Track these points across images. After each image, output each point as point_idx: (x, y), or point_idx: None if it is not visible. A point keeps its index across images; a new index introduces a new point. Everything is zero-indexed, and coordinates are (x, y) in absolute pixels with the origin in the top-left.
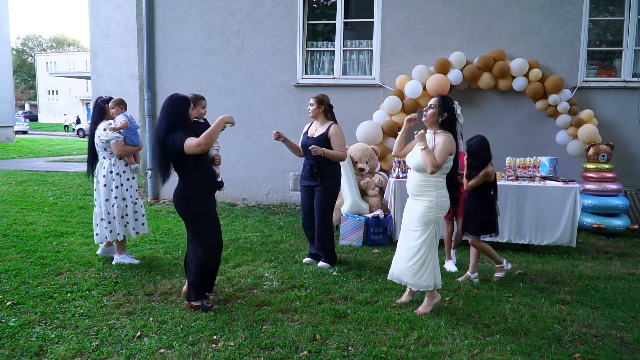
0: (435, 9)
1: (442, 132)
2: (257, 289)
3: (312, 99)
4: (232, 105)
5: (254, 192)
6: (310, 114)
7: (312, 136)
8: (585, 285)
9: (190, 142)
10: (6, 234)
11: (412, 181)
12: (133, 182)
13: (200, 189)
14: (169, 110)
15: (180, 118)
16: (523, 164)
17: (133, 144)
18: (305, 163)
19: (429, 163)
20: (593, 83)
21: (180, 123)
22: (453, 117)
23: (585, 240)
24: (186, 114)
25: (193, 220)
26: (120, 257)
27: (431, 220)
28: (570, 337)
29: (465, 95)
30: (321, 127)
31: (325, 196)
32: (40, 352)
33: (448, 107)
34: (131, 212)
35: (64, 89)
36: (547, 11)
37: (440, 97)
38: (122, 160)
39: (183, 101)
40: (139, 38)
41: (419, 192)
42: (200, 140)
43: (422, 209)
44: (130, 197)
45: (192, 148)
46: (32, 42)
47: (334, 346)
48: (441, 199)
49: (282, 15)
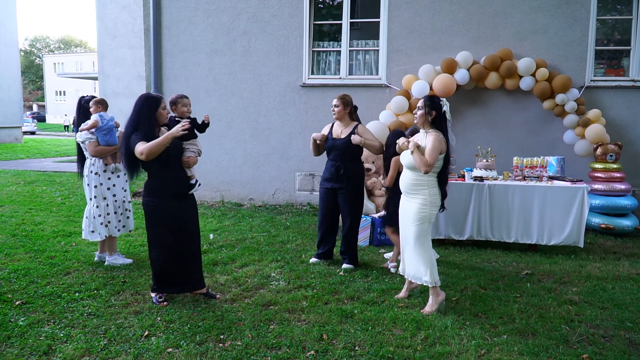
0: (442, 9)
1: (433, 131)
2: (263, 288)
3: (337, 100)
4: (239, 105)
5: (261, 192)
6: (335, 116)
7: (338, 137)
8: (593, 285)
9: (138, 148)
10: (15, 234)
11: (405, 180)
12: (117, 181)
13: (162, 189)
14: (135, 109)
15: (144, 118)
16: (530, 163)
17: (107, 144)
18: (329, 165)
19: (421, 164)
20: (601, 82)
21: (144, 123)
22: (442, 115)
23: (593, 240)
24: (151, 113)
25: (148, 217)
26: (112, 259)
27: (425, 217)
28: (578, 337)
29: (471, 95)
30: (347, 128)
31: (350, 198)
32: (49, 351)
33: (435, 105)
34: (112, 212)
35: (72, 90)
36: (554, 10)
37: (427, 97)
38: (101, 160)
39: (150, 100)
40: (146, 39)
41: (412, 190)
42: (143, 149)
43: (417, 206)
44: (113, 197)
45: (137, 154)
46: (40, 43)
47: (340, 346)
48: (434, 197)
49: (289, 15)
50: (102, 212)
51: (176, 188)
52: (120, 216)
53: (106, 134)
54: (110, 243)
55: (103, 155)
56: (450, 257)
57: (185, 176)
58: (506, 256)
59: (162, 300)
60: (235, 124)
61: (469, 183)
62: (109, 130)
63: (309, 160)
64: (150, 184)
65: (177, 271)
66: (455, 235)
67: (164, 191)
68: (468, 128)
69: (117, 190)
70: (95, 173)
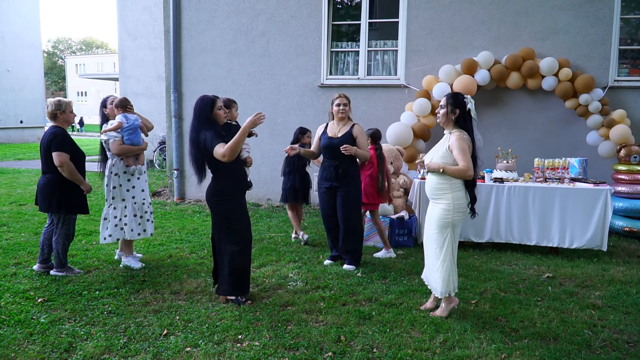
0: (462, 8)
1: (457, 130)
2: (281, 289)
3: (344, 98)
4: (257, 106)
5: (278, 192)
6: (343, 114)
7: (334, 136)
8: (616, 290)
9: (218, 150)
10: (37, 232)
11: (429, 184)
12: (137, 183)
13: (232, 187)
14: (195, 111)
15: (203, 118)
16: (552, 165)
17: (132, 143)
18: (327, 165)
19: (461, 174)
20: (625, 83)
21: (206, 123)
22: (466, 112)
23: (616, 243)
24: (209, 113)
25: (224, 216)
26: (127, 260)
27: (448, 224)
28: (601, 343)
29: (492, 95)
30: (344, 126)
31: (351, 196)
32: (69, 348)
33: (459, 103)
34: (131, 214)
35: (93, 91)
36: (576, 9)
37: (450, 94)
38: (122, 161)
39: (205, 101)
40: (166, 40)
41: (436, 194)
42: (225, 151)
43: (440, 212)
44: (132, 199)
45: (219, 157)
46: (62, 45)
47: (358, 348)
48: (458, 201)
49: (307, 16)
50: (118, 214)
51: (242, 185)
52: (140, 219)
53: (131, 133)
54: (127, 244)
55: (126, 154)
56: (470, 259)
57: (246, 174)
58: (527, 259)
59: (245, 300)
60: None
61: (489, 184)
62: (134, 129)
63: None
64: (217, 184)
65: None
66: (475, 238)
67: (234, 189)
68: (488, 129)
69: (136, 192)
70: (115, 174)
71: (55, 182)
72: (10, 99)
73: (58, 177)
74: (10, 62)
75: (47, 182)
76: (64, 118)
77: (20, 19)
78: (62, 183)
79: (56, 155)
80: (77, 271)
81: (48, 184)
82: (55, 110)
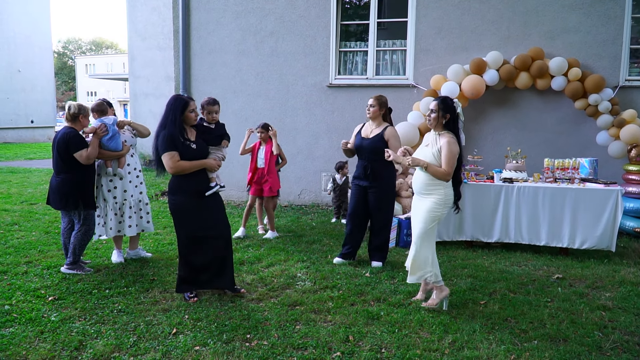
0: (471, 8)
1: (446, 132)
2: (289, 288)
3: (374, 99)
4: (266, 105)
5: (287, 192)
6: (369, 115)
7: (366, 137)
8: (627, 291)
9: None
10: (48, 231)
11: (418, 180)
12: (119, 183)
13: (182, 186)
14: (165, 109)
15: (171, 118)
16: (562, 165)
17: (108, 149)
18: (358, 164)
19: (441, 176)
20: (636, 82)
21: (171, 123)
22: (456, 117)
23: (627, 244)
24: (179, 114)
25: (171, 211)
26: (112, 255)
27: (437, 216)
28: (611, 344)
29: (501, 95)
30: (377, 128)
31: (380, 197)
32: (80, 346)
33: (449, 108)
34: (111, 214)
35: (102, 91)
36: (586, 9)
37: (440, 99)
38: (103, 163)
39: (178, 102)
40: (175, 40)
41: (427, 190)
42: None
43: (431, 204)
44: (113, 199)
45: (165, 166)
46: (72, 45)
47: (367, 348)
48: (448, 197)
49: (315, 16)
50: (100, 212)
51: (198, 186)
52: (120, 218)
53: (109, 138)
54: (116, 239)
55: (97, 158)
56: (479, 260)
57: (206, 178)
58: (536, 260)
59: (193, 296)
60: None
61: (498, 185)
62: (112, 135)
63: (334, 161)
64: (172, 180)
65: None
66: (484, 238)
67: (188, 188)
68: (497, 129)
69: (117, 193)
70: (97, 174)
71: (71, 181)
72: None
73: (73, 177)
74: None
75: (62, 181)
76: (83, 122)
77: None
78: (78, 182)
79: (78, 155)
80: (87, 270)
81: (62, 184)
82: (78, 113)
